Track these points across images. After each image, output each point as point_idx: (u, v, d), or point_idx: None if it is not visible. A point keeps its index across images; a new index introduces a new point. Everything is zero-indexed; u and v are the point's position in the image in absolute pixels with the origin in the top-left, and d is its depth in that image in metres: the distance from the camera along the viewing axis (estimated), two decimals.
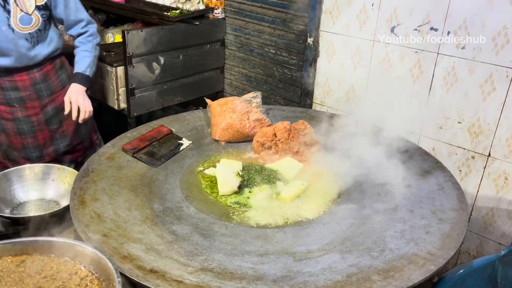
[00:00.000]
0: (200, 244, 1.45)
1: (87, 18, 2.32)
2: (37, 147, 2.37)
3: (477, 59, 2.16)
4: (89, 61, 2.32)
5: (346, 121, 2.36)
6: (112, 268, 1.19)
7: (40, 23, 2.16)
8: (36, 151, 2.37)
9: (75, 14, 2.26)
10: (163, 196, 1.72)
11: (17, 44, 2.13)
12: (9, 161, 2.38)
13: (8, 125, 2.30)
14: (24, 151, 2.35)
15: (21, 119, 2.29)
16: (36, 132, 2.34)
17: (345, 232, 1.54)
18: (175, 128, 2.22)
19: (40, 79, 2.28)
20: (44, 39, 2.23)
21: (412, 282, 1.26)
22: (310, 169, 1.96)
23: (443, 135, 2.39)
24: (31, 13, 2.10)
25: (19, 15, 2.07)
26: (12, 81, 2.22)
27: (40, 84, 2.28)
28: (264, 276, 1.31)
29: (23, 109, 2.28)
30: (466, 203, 1.65)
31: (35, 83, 2.26)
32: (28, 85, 2.25)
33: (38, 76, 2.26)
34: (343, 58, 2.68)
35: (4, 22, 2.06)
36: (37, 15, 2.13)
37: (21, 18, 2.09)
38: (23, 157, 2.35)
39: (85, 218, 1.50)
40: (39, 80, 2.27)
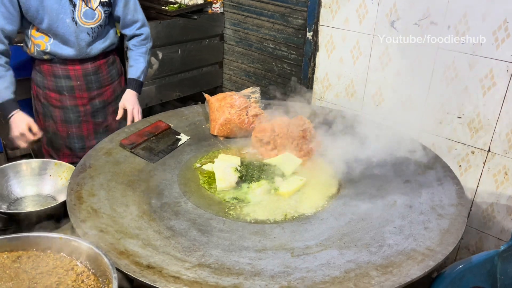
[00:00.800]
0: (197, 240, 1.44)
1: (143, 19, 2.34)
2: (80, 138, 2.40)
3: (477, 54, 2.15)
4: (143, 66, 2.36)
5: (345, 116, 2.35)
6: (109, 263, 1.18)
7: (102, 19, 2.19)
8: (79, 142, 2.41)
9: (133, 13, 2.29)
10: (161, 192, 1.71)
11: (79, 37, 2.16)
12: (53, 148, 2.42)
13: (56, 112, 2.33)
14: (68, 140, 2.38)
15: (69, 108, 2.33)
16: (81, 123, 2.37)
17: (344, 227, 1.53)
18: (173, 123, 2.21)
19: (92, 71, 2.31)
20: (103, 35, 2.28)
21: (411, 278, 1.25)
22: (309, 165, 1.95)
23: (443, 130, 2.38)
24: (95, 8, 2.14)
25: (83, 9, 2.12)
26: (65, 70, 2.25)
27: (91, 76, 2.31)
28: (261, 271, 1.30)
29: (72, 99, 2.32)
30: (465, 199, 1.64)
31: (87, 74, 2.29)
32: (80, 75, 2.28)
33: (91, 68, 2.30)
34: (343, 52, 2.66)
35: (69, 15, 2.10)
36: (100, 10, 2.16)
37: (85, 13, 2.13)
38: (66, 146, 2.39)
39: (82, 214, 1.48)
40: (91, 72, 2.30)
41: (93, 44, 2.24)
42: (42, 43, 2.17)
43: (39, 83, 2.31)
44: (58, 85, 2.28)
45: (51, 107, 2.33)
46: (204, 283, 1.22)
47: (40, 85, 2.31)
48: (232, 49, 3.30)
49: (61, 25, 2.11)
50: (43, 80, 2.29)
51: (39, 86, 2.32)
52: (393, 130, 2.22)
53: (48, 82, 2.28)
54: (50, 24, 2.09)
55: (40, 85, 2.31)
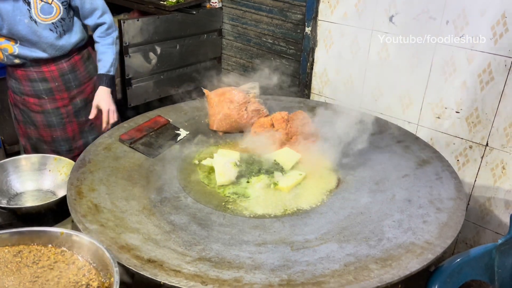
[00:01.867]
0: (197, 234, 1.45)
1: (103, 6, 2.24)
2: (66, 140, 2.34)
3: (475, 48, 2.15)
4: (112, 59, 2.26)
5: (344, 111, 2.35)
6: (110, 258, 1.18)
7: (62, 11, 2.11)
8: (66, 144, 2.35)
9: (91, 1, 2.19)
10: (161, 187, 1.71)
11: (42, 35, 2.09)
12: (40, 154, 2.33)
13: (37, 117, 2.27)
14: (54, 144, 2.32)
15: (50, 111, 2.26)
16: (65, 125, 2.31)
17: (343, 221, 1.54)
18: (172, 119, 2.21)
19: (68, 69, 2.25)
20: (71, 28, 2.20)
21: (410, 271, 1.26)
22: (308, 159, 1.96)
23: (441, 124, 2.39)
24: (51, 2, 2.07)
25: (39, 5, 2.04)
26: (40, 72, 2.19)
27: (69, 74, 2.26)
28: (262, 265, 1.31)
29: (52, 101, 2.25)
30: (463, 193, 1.65)
31: (63, 74, 2.24)
32: (56, 76, 2.22)
33: (66, 66, 2.24)
34: (341, 47, 2.66)
35: (26, 15, 2.03)
36: (57, 3, 2.08)
37: (42, 8, 2.05)
38: (53, 150, 2.31)
39: (82, 209, 1.49)
40: (67, 70, 2.25)
41: (61, 41, 2.15)
42: (9, 47, 2.09)
43: (15, 90, 2.24)
44: (36, 89, 2.21)
45: (31, 112, 2.26)
46: (205, 277, 1.23)
47: (16, 91, 2.24)
48: (230, 44, 3.30)
49: (21, 27, 2.03)
50: (19, 86, 2.21)
51: (16, 92, 2.24)
52: (391, 125, 2.23)
53: (24, 88, 2.21)
54: (10, 27, 2.02)
55: (17, 91, 2.23)
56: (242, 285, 1.21)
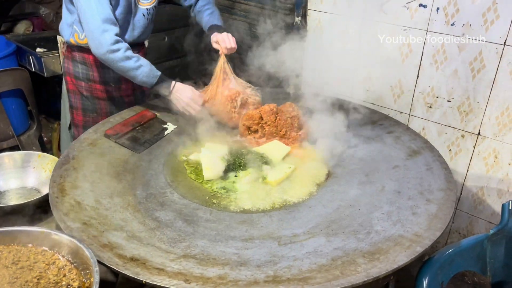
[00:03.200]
0: (183, 231, 1.42)
1: None
2: None
3: (466, 36, 2.12)
4: (217, 14, 2.30)
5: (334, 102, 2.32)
6: (90, 257, 1.16)
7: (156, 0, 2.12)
8: None
9: None
10: (147, 182, 1.68)
11: (135, 18, 2.09)
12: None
13: (101, 104, 2.25)
14: None
15: (115, 99, 2.26)
16: None
17: (332, 215, 1.52)
18: (159, 112, 2.18)
19: None
20: (153, 19, 2.19)
21: (397, 264, 1.24)
22: (298, 152, 1.93)
23: (433, 114, 2.36)
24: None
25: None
26: None
27: None
28: (248, 261, 1.28)
29: (118, 90, 2.25)
30: (454, 183, 1.62)
31: None
32: None
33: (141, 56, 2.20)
34: (331, 37, 2.62)
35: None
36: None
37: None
38: None
39: (65, 207, 1.46)
40: None
41: (148, 27, 2.15)
42: None
43: (81, 76, 2.20)
44: (106, 76, 2.19)
45: (96, 99, 2.24)
46: (189, 275, 1.21)
47: (82, 77, 2.20)
48: None
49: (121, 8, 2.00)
50: (87, 72, 2.18)
51: (81, 78, 2.20)
52: (382, 115, 2.20)
53: (94, 74, 2.19)
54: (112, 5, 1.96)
55: (83, 77, 2.20)
56: (226, 282, 1.18)
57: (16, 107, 2.96)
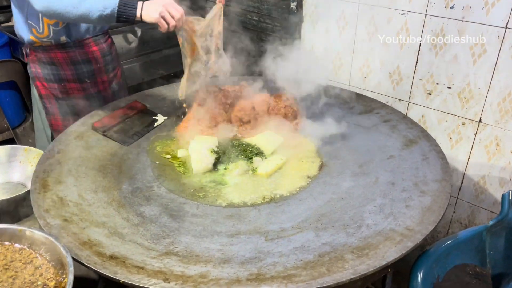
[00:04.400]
0: (168, 226, 1.38)
1: None
2: None
3: (466, 19, 2.03)
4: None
5: (330, 91, 2.25)
6: (66, 256, 1.12)
7: None
8: None
9: None
10: (133, 176, 1.64)
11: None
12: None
13: (79, 103, 2.13)
14: None
15: (94, 95, 2.16)
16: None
17: (322, 208, 1.47)
18: (150, 104, 2.13)
19: (107, 50, 2.14)
20: None
21: (386, 261, 1.19)
22: (291, 143, 1.87)
23: (432, 101, 2.28)
24: None
25: None
26: (84, 53, 2.06)
27: (108, 56, 2.15)
28: (232, 258, 1.24)
29: (94, 85, 2.15)
30: (449, 174, 1.56)
31: (104, 55, 2.12)
32: (98, 56, 2.10)
33: (105, 47, 2.13)
34: (328, 23, 2.54)
35: None
36: None
37: None
38: None
39: (46, 203, 1.42)
40: (106, 51, 2.13)
41: None
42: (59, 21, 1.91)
43: (53, 77, 2.05)
44: (79, 72, 2.07)
45: (73, 99, 2.11)
46: (169, 273, 1.17)
47: (54, 79, 2.05)
48: None
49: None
50: (59, 72, 2.04)
51: (53, 80, 2.06)
52: (379, 104, 2.13)
53: (66, 72, 2.05)
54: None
55: (55, 79, 2.05)
56: (207, 281, 1.14)
57: (11, 99, 2.94)
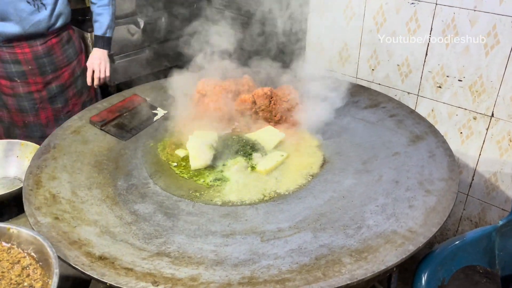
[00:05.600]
0: (161, 225, 1.34)
1: None
2: (39, 127, 2.22)
3: (479, 9, 1.93)
4: (108, 20, 2.15)
5: (336, 83, 2.18)
6: (52, 256, 1.09)
7: None
8: (39, 131, 2.22)
9: None
10: (129, 172, 1.60)
11: (17, 7, 1.94)
12: (11, 139, 2.22)
13: (9, 100, 2.14)
14: (26, 129, 2.20)
15: (22, 95, 2.13)
16: (38, 110, 2.18)
17: (322, 207, 1.41)
18: (151, 97, 2.09)
19: (44, 53, 2.10)
20: (49, 5, 2.03)
21: (385, 265, 1.13)
22: (293, 139, 1.82)
23: (442, 94, 2.20)
24: None
25: None
26: (13, 54, 2.05)
27: (44, 58, 2.11)
28: (225, 260, 1.20)
29: (25, 85, 2.12)
30: (456, 172, 1.49)
31: (38, 57, 2.09)
32: (30, 58, 2.08)
33: (41, 49, 2.09)
34: (335, 13, 2.46)
35: None
36: None
37: None
38: (26, 136, 2.19)
39: (38, 200, 1.39)
40: (42, 54, 2.10)
41: (36, 16, 1.99)
42: None
43: None
44: (8, 71, 2.07)
45: (3, 95, 2.13)
46: (159, 275, 1.13)
47: None
48: (220, 14, 3.11)
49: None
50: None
51: None
52: (386, 97, 2.06)
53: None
54: None
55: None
56: (197, 284, 1.10)
57: None
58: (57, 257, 1.08)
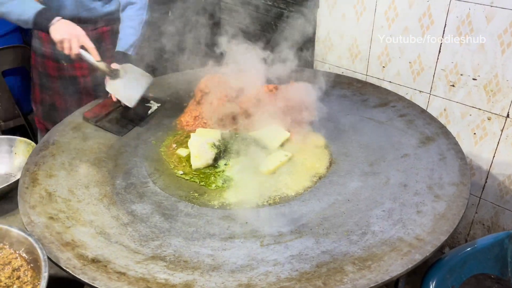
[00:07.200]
0: (158, 227, 1.30)
1: None
2: None
3: (495, 4, 1.85)
4: (134, 39, 2.03)
5: (346, 81, 2.12)
6: (42, 259, 1.05)
7: None
8: None
9: None
10: (129, 171, 1.56)
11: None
12: (50, 122, 2.20)
13: (54, 83, 2.14)
14: (65, 114, 2.11)
15: (67, 79, 2.13)
16: (81, 95, 2.16)
17: (326, 211, 1.36)
18: (153, 93, 2.04)
19: (94, 38, 2.02)
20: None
21: (390, 276, 1.07)
22: (299, 138, 1.76)
23: (456, 93, 2.11)
24: None
25: None
26: None
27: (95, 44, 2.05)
28: (222, 265, 1.15)
29: (71, 69, 2.11)
30: (468, 177, 1.42)
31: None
32: None
33: (91, 34, 2.03)
34: (345, 8, 2.39)
35: None
36: None
37: None
38: None
39: (33, 199, 1.36)
40: (92, 39, 2.00)
41: (93, 2, 2.00)
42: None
43: (38, 51, 2.12)
44: (56, 53, 2.04)
45: (49, 77, 2.13)
46: (152, 281, 1.08)
47: (38, 52, 2.12)
48: (229, 8, 3.05)
49: None
50: (41, 47, 2.09)
51: (37, 54, 2.12)
52: (397, 96, 1.99)
53: (46, 50, 2.08)
54: None
55: (38, 52, 2.11)
56: None
57: (21, 85, 2.90)
58: (47, 259, 1.05)
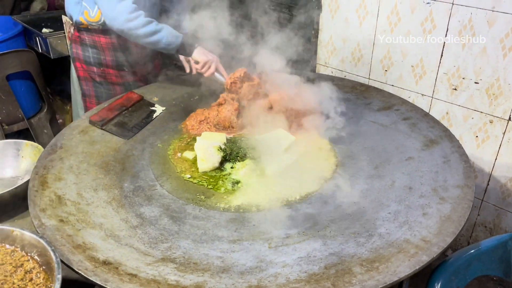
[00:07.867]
0: (167, 229, 1.31)
1: None
2: None
3: (497, 9, 1.87)
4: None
5: (349, 85, 2.14)
6: (55, 261, 1.07)
7: None
8: None
9: None
10: (136, 174, 1.58)
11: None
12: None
13: (116, 89, 2.18)
14: None
15: (131, 84, 2.17)
16: None
17: (332, 213, 1.37)
18: (159, 96, 2.06)
19: None
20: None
21: (398, 277, 1.09)
22: (304, 142, 1.78)
23: (458, 97, 2.14)
24: None
25: None
26: (124, 41, 2.05)
27: (147, 48, 2.11)
28: (231, 267, 1.16)
29: (132, 74, 2.17)
30: (472, 179, 1.44)
31: (144, 46, 2.06)
32: (139, 47, 2.09)
33: None
34: (348, 12, 2.41)
35: None
36: None
37: None
38: None
39: (43, 202, 1.37)
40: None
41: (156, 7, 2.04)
42: None
43: (93, 61, 2.11)
44: (119, 60, 2.11)
45: (109, 85, 2.16)
46: (163, 282, 1.10)
47: (94, 62, 2.11)
48: None
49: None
50: (99, 56, 2.10)
51: (92, 64, 2.12)
52: (400, 100, 2.01)
53: (106, 58, 2.10)
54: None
55: (94, 62, 2.11)
56: None
57: (25, 89, 2.92)
58: (60, 262, 1.06)
